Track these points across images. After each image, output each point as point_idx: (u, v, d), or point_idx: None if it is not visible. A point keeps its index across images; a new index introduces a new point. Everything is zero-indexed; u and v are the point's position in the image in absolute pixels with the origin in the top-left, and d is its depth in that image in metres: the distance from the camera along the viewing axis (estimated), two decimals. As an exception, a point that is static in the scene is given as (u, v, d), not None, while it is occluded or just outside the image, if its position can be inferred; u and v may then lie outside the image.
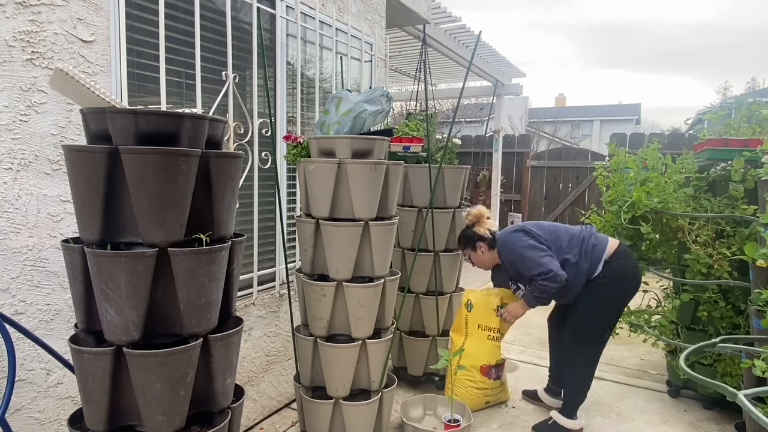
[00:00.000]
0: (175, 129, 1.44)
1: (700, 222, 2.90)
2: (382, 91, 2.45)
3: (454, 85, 8.96)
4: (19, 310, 1.79)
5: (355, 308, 2.30)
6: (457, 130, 11.97)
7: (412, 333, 3.34)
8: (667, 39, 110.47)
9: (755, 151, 2.69)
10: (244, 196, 2.65)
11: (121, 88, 2.06)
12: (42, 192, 1.82)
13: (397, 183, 2.44)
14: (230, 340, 1.62)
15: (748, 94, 13.09)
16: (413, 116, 3.66)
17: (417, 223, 3.21)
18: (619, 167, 3.29)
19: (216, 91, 2.50)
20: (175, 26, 2.32)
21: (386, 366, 2.48)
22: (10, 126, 1.72)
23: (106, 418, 1.47)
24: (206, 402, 1.61)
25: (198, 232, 1.51)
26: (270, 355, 2.92)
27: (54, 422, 1.93)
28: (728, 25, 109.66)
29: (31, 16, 1.74)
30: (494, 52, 6.49)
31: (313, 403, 2.40)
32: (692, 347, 1.72)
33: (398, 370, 3.43)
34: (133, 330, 1.42)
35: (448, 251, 3.28)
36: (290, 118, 3.05)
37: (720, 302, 2.91)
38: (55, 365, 1.89)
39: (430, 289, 3.28)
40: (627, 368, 3.84)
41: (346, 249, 2.27)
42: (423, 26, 4.80)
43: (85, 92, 1.46)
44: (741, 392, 1.24)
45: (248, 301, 2.73)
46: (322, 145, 2.32)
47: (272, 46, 2.88)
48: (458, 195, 3.25)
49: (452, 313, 3.35)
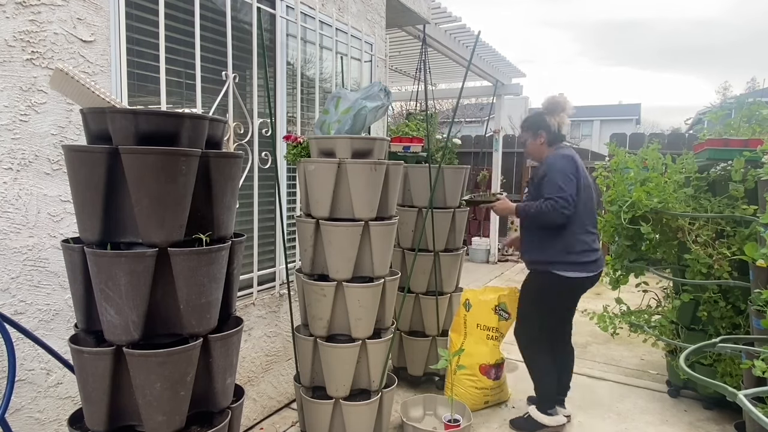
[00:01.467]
0: (175, 129, 1.44)
1: (700, 222, 2.90)
2: (380, 86, 2.44)
3: (454, 85, 8.95)
4: (19, 310, 1.79)
5: (355, 308, 2.30)
6: (457, 130, 11.96)
7: (412, 333, 3.35)
8: (673, 36, 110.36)
9: (755, 151, 2.69)
10: (244, 196, 2.65)
11: (121, 88, 2.06)
12: (42, 192, 1.82)
13: (397, 183, 2.44)
14: (230, 340, 1.62)
15: (748, 94, 13.09)
16: (413, 116, 3.66)
17: (417, 223, 3.21)
18: (619, 167, 3.29)
19: (216, 91, 2.50)
20: (175, 26, 2.32)
21: (386, 366, 2.48)
22: (10, 126, 1.72)
23: (106, 418, 1.47)
24: (206, 402, 1.61)
25: (198, 232, 1.51)
26: (270, 355, 2.92)
27: (54, 422, 1.93)
28: (733, 23, 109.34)
29: (31, 16, 1.74)
30: (494, 52, 6.49)
31: (313, 403, 2.40)
32: (692, 347, 1.72)
33: (398, 370, 3.43)
34: (133, 330, 1.42)
35: (448, 251, 3.28)
36: (290, 118, 3.05)
37: (720, 302, 2.91)
38: (55, 365, 1.89)
39: (430, 289, 3.28)
40: (627, 368, 3.84)
41: (346, 249, 2.27)
42: (423, 26, 4.80)
43: (85, 92, 1.46)
44: (741, 392, 1.24)
45: (248, 301, 2.72)
46: (322, 145, 2.32)
47: (272, 46, 2.88)
48: (458, 195, 3.25)
49: (452, 313, 3.35)
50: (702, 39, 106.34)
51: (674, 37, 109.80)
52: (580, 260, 2.62)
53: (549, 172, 2.62)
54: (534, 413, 2.85)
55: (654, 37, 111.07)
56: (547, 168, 2.65)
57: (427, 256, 3.21)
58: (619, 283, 3.29)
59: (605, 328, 3.33)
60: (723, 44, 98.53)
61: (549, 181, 2.59)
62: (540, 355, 2.82)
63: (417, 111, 4.69)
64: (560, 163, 2.63)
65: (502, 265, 7.86)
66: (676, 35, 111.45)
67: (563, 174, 2.58)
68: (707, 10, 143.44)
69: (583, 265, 2.63)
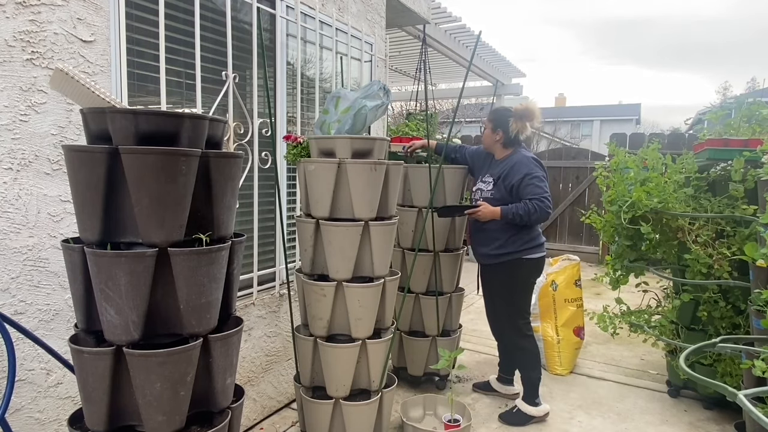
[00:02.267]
0: (175, 129, 1.44)
1: (700, 222, 2.90)
2: (379, 85, 2.44)
3: (454, 85, 8.96)
4: (19, 310, 1.79)
5: (355, 308, 2.30)
6: (457, 130, 11.96)
7: (412, 333, 3.34)
8: (676, 34, 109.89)
9: (755, 151, 2.69)
10: (244, 196, 2.65)
11: (121, 88, 2.06)
12: (42, 192, 1.82)
13: (397, 183, 2.44)
14: (230, 340, 1.62)
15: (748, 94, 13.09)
16: (413, 116, 3.66)
17: (417, 223, 3.22)
18: (619, 167, 3.28)
19: (216, 91, 2.50)
20: (175, 26, 2.32)
21: (386, 366, 2.48)
22: (10, 126, 1.72)
23: (106, 418, 1.47)
24: (206, 402, 1.61)
25: (198, 232, 1.51)
26: (270, 355, 2.92)
27: (54, 422, 1.93)
28: (738, 20, 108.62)
29: (31, 16, 1.74)
30: (494, 52, 6.50)
31: (313, 403, 2.40)
32: (692, 347, 1.72)
33: (398, 370, 3.43)
34: (133, 330, 1.42)
35: (448, 251, 3.29)
36: (290, 118, 3.05)
37: (720, 302, 2.90)
38: (55, 365, 1.89)
39: (429, 289, 3.28)
40: (627, 368, 3.84)
41: (346, 249, 2.27)
42: (423, 26, 4.80)
43: (85, 92, 1.46)
44: (741, 392, 1.24)
45: (248, 301, 2.72)
46: (322, 145, 2.32)
47: (272, 46, 2.88)
48: (458, 195, 3.25)
49: (452, 313, 3.35)
50: (707, 37, 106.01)
51: (678, 35, 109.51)
52: (539, 242, 2.92)
53: (528, 175, 2.79)
54: (522, 406, 2.95)
55: (658, 35, 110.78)
56: (525, 171, 2.81)
57: (427, 256, 3.21)
58: (619, 283, 3.29)
59: (605, 328, 3.33)
60: (728, 43, 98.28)
61: (531, 184, 2.77)
62: (529, 347, 2.96)
63: (417, 111, 4.69)
64: (533, 165, 2.82)
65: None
66: (681, 33, 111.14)
67: (539, 177, 2.79)
68: (713, 8, 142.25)
69: (541, 246, 2.93)
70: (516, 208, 2.76)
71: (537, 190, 2.74)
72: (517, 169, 2.81)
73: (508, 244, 2.85)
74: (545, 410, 2.97)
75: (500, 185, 2.87)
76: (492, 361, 3.88)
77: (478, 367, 3.77)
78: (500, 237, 2.86)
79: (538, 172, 2.80)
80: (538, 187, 2.75)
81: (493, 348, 4.12)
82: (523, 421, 2.92)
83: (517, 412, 2.95)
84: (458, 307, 3.42)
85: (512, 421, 2.93)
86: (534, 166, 2.81)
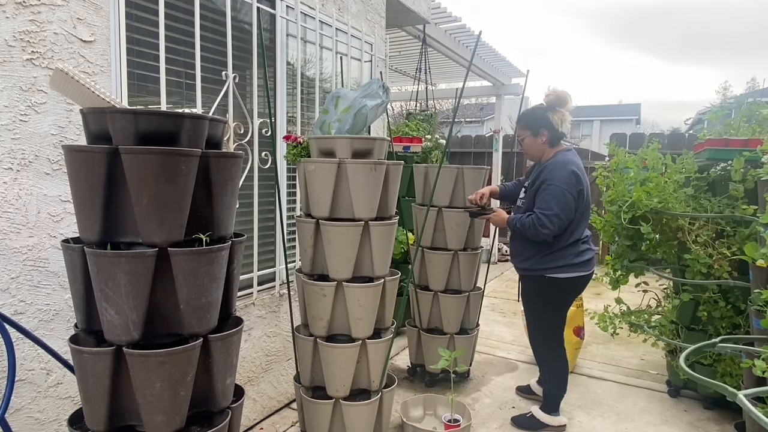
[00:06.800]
0: (175, 129, 1.44)
1: (700, 222, 2.90)
2: (378, 83, 2.43)
3: (454, 85, 8.96)
4: (19, 310, 1.79)
5: (355, 308, 2.30)
6: (457, 130, 11.97)
7: (430, 330, 3.38)
8: (697, 26, 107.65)
9: (755, 151, 2.69)
10: (244, 196, 2.65)
11: (121, 88, 2.06)
12: (42, 192, 1.82)
13: (397, 183, 2.44)
14: (230, 340, 1.62)
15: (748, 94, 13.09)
16: (413, 116, 3.67)
17: (437, 222, 3.29)
18: (619, 167, 3.29)
19: (216, 91, 2.50)
20: (175, 26, 2.32)
21: (386, 366, 2.48)
22: (10, 126, 1.72)
23: (106, 418, 1.47)
24: (206, 402, 1.61)
25: (198, 232, 1.51)
26: (270, 355, 2.92)
27: (54, 422, 1.93)
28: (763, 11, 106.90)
29: (31, 16, 1.74)
30: (494, 52, 6.49)
31: (313, 403, 2.40)
32: (692, 347, 1.72)
33: (416, 366, 3.49)
34: (133, 330, 1.42)
35: (467, 250, 3.34)
36: (290, 118, 3.05)
37: (720, 302, 2.90)
38: (55, 365, 1.89)
39: (448, 288, 3.34)
40: (627, 368, 3.84)
41: (346, 249, 2.27)
42: (423, 26, 4.81)
43: (85, 92, 1.46)
44: (741, 392, 1.24)
45: (248, 301, 2.73)
46: (322, 145, 2.32)
47: (272, 46, 2.88)
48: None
49: (470, 311, 3.39)
50: (729, 29, 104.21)
51: (699, 27, 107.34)
52: (571, 261, 2.62)
53: (545, 182, 2.55)
54: (537, 413, 2.87)
55: (678, 26, 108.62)
56: (547, 177, 2.56)
57: (446, 254, 3.27)
58: (619, 283, 3.29)
59: (605, 328, 3.34)
60: (750, 35, 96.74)
61: (543, 194, 2.54)
62: (556, 364, 2.85)
63: (417, 111, 4.70)
64: (562, 175, 2.52)
65: (502, 265, 7.86)
66: (702, 25, 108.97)
67: (561, 190, 2.49)
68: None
69: (572, 267, 2.64)
70: (516, 219, 2.63)
71: (542, 204, 2.52)
72: (545, 175, 2.56)
73: (529, 259, 2.68)
74: (561, 422, 2.84)
75: (529, 190, 2.68)
76: (492, 361, 3.89)
77: (478, 367, 3.77)
78: (524, 251, 2.71)
79: (559, 183, 2.50)
80: (546, 200, 2.50)
81: (494, 348, 4.14)
82: (534, 426, 2.85)
83: (530, 418, 2.88)
84: (476, 305, 3.45)
85: (523, 425, 2.88)
86: (561, 173, 2.52)
